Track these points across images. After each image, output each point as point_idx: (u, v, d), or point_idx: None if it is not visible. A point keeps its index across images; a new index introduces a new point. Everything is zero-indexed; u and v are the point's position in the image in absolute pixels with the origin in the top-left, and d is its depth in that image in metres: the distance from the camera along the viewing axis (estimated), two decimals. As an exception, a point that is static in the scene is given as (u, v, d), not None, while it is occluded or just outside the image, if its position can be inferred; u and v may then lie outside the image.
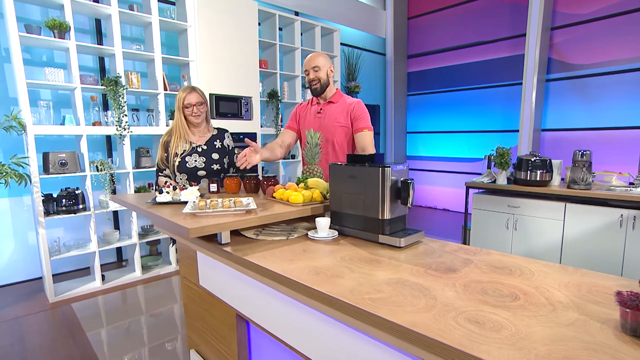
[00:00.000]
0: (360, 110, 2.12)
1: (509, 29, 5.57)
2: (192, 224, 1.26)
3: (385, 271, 1.11)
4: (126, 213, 3.53)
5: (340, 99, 2.19)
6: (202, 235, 1.26)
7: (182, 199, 1.69)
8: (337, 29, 5.01)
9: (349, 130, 2.13)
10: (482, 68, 6.00)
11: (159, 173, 2.24)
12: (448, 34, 6.32)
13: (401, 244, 1.33)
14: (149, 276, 3.53)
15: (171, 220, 1.32)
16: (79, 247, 3.23)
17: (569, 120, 5.09)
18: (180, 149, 2.19)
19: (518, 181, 3.17)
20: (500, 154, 3.18)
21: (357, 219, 1.46)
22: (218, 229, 1.30)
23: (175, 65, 3.89)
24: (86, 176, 3.16)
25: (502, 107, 5.84)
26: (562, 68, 5.08)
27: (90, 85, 3.16)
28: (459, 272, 1.09)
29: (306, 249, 1.34)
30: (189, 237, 1.22)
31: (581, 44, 4.85)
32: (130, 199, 1.87)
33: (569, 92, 5.07)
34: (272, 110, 4.30)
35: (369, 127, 2.10)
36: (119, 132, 3.22)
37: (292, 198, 1.60)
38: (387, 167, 1.35)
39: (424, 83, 6.81)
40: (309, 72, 2.17)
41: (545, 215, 2.97)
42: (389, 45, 6.69)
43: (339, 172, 1.51)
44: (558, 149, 5.17)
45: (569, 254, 2.86)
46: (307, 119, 2.28)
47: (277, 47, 4.30)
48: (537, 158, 3.01)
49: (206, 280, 1.65)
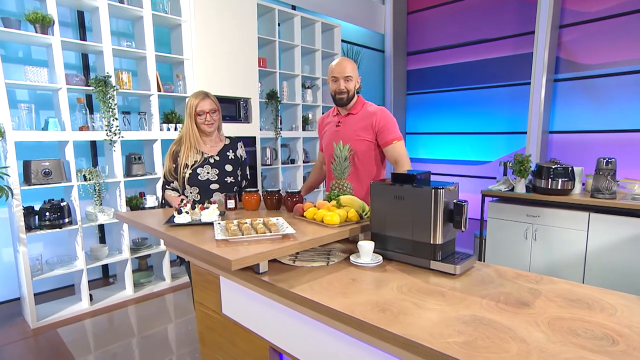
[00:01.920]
0: (384, 121, 2.06)
1: (515, 26, 5.66)
2: (232, 254, 1.21)
3: (453, 305, 1.09)
4: (115, 225, 3.42)
5: (360, 109, 2.14)
6: (244, 266, 1.21)
7: (203, 220, 1.63)
8: (337, 25, 4.99)
9: (372, 143, 2.09)
10: (486, 67, 6.08)
11: (166, 186, 2.17)
12: (450, 31, 6.38)
13: (457, 272, 1.32)
14: (141, 294, 3.42)
15: (206, 249, 1.27)
16: (63, 265, 3.10)
17: (578, 122, 5.20)
18: (190, 159, 2.12)
19: (538, 189, 3.21)
20: (520, 161, 3.22)
21: (404, 243, 1.44)
22: (260, 259, 1.25)
23: (167, 64, 3.79)
24: (72, 186, 3.04)
25: (508, 107, 5.93)
26: (571, 68, 5.19)
27: (77, 86, 3.04)
28: (532, 306, 1.08)
29: (355, 278, 1.31)
30: (231, 269, 1.17)
31: (591, 43, 4.96)
32: (142, 218, 1.80)
33: (577, 93, 5.18)
34: (271, 112, 4.24)
35: (398, 137, 2.06)
36: (109, 138, 3.11)
37: (328, 219, 1.57)
38: (440, 189, 1.33)
39: (424, 82, 6.86)
40: (338, 80, 2.08)
41: (568, 225, 3.02)
42: (388, 41, 6.71)
43: (383, 192, 1.48)
44: (566, 152, 5.28)
45: (593, 266, 2.91)
46: (328, 132, 2.25)
47: (277, 44, 4.24)
48: (558, 166, 3.05)
49: (232, 308, 1.60)
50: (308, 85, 4.70)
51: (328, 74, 2.13)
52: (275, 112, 4.23)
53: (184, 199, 1.81)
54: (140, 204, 3.37)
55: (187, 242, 1.36)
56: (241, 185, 2.28)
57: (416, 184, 1.41)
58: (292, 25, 4.47)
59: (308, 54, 4.76)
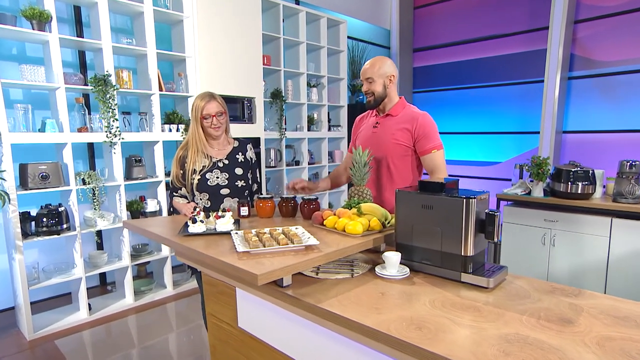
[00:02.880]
0: (425, 127, 1.99)
1: (527, 21, 5.65)
2: (257, 268, 1.19)
3: (492, 322, 1.08)
4: (114, 231, 3.40)
5: (400, 112, 2.08)
6: (270, 281, 1.20)
7: (218, 229, 1.62)
8: (344, 21, 4.98)
9: (409, 149, 2.03)
10: (496, 64, 6.08)
11: (174, 193, 2.15)
12: (458, 26, 6.37)
13: (490, 285, 1.31)
14: (141, 303, 3.40)
15: (229, 262, 1.25)
16: (61, 273, 3.08)
17: (593, 122, 5.20)
18: (199, 164, 2.11)
19: (556, 193, 3.21)
20: (538, 164, 3.21)
21: (433, 254, 1.43)
22: (286, 272, 1.24)
23: (167, 61, 3.77)
24: (71, 191, 3.02)
25: (519, 106, 5.93)
26: (586, 65, 5.19)
27: (76, 85, 3.02)
28: (576, 323, 1.07)
29: (384, 292, 1.30)
30: (257, 284, 1.15)
31: (607, 39, 4.96)
32: (153, 226, 1.79)
33: (593, 91, 5.18)
34: (275, 112, 4.23)
35: (437, 146, 1.98)
36: (109, 139, 3.09)
37: (350, 228, 1.55)
38: (471, 199, 1.32)
39: (431, 79, 6.85)
40: (363, 82, 2.08)
41: (589, 231, 3.01)
42: (393, 37, 6.71)
43: (410, 201, 1.47)
44: (581, 153, 5.29)
45: (615, 273, 2.91)
46: (363, 132, 2.20)
47: (282, 40, 4.23)
48: (578, 169, 3.05)
49: (249, 322, 1.58)
50: (313, 83, 4.69)
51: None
52: (280, 111, 4.22)
53: (197, 207, 1.80)
54: (141, 209, 3.35)
55: (208, 255, 1.34)
56: (252, 189, 2.27)
57: (445, 192, 1.40)
58: (296, 21, 4.45)
59: (313, 50, 4.75)
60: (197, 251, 1.40)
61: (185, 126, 3.48)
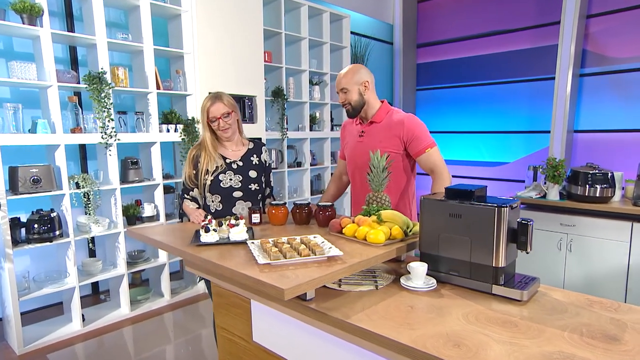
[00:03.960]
0: (413, 130, 2.03)
1: (537, 16, 5.67)
2: (282, 282, 1.18)
3: (532, 339, 1.07)
4: (109, 237, 3.36)
5: (384, 117, 2.11)
6: (297, 295, 1.19)
7: (232, 238, 1.60)
8: (347, 15, 4.97)
9: (399, 155, 2.07)
10: (504, 60, 6.09)
11: (185, 195, 2.14)
12: (464, 21, 6.38)
13: (524, 298, 1.30)
14: (138, 313, 3.37)
15: (251, 275, 1.23)
16: (53, 283, 3.03)
17: (606, 121, 5.23)
18: (212, 165, 2.11)
19: (573, 196, 3.22)
20: (554, 166, 3.22)
21: (461, 265, 1.42)
22: (312, 286, 1.22)
23: (164, 58, 3.74)
24: (64, 195, 2.98)
25: (528, 104, 5.95)
26: (598, 61, 5.21)
27: (69, 83, 2.98)
28: (623, 342, 1.06)
29: (412, 305, 1.29)
30: (283, 299, 1.14)
31: (621, 34, 4.98)
32: (161, 235, 1.76)
33: (605, 89, 5.21)
34: (277, 111, 4.21)
35: (430, 145, 2.03)
36: (105, 140, 3.05)
37: (372, 237, 1.54)
38: (504, 207, 1.32)
39: (435, 76, 6.86)
40: (339, 94, 2.12)
41: (608, 236, 3.03)
42: (397, 32, 6.71)
43: (436, 209, 1.46)
44: (593, 153, 5.32)
45: (636, 281, 2.93)
46: (350, 141, 2.24)
47: (283, 36, 4.21)
48: (597, 171, 3.06)
49: (266, 336, 1.56)
50: (315, 81, 4.68)
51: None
52: (282, 110, 4.21)
53: (208, 215, 1.78)
54: (137, 213, 3.32)
55: (226, 267, 1.32)
56: (264, 192, 2.27)
57: (475, 200, 1.40)
58: (298, 16, 4.44)
59: (315, 47, 4.74)
60: (214, 263, 1.38)
61: (184, 126, 3.46)
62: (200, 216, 1.99)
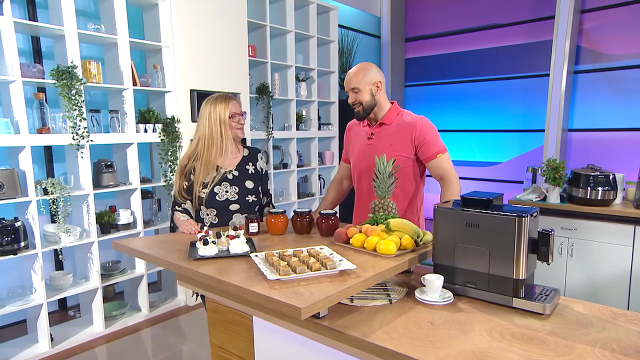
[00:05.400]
0: (425, 133, 2.06)
1: (531, 9, 5.79)
2: (297, 300, 1.16)
3: (564, 356, 1.08)
4: (79, 248, 3.25)
5: (395, 119, 2.13)
6: (313, 313, 1.18)
7: (232, 251, 1.58)
8: (334, 7, 4.97)
9: (409, 160, 2.09)
10: (497, 56, 6.19)
11: (176, 207, 2.10)
12: (455, 14, 6.47)
13: (546, 312, 1.33)
14: (113, 330, 3.28)
15: (263, 293, 1.21)
16: (17, 299, 2.91)
17: (600, 119, 5.38)
18: (209, 176, 2.07)
19: (573, 199, 3.31)
20: (554, 168, 3.30)
21: (479, 277, 1.43)
22: (329, 302, 1.21)
23: (139, 51, 3.66)
24: (30, 202, 2.87)
25: (521, 102, 6.07)
26: (593, 58, 5.36)
27: (34, 79, 2.88)
28: (656, 355, 1.09)
29: (432, 321, 1.29)
30: (300, 318, 1.13)
31: (616, 30, 5.12)
32: (151, 248, 1.72)
33: (600, 86, 5.36)
34: (262, 109, 4.18)
35: (441, 150, 2.06)
36: (76, 141, 2.97)
37: (383, 248, 1.54)
38: (524, 217, 1.34)
39: (424, 72, 6.93)
40: (349, 93, 2.13)
41: (610, 240, 3.12)
42: (384, 25, 6.75)
43: (451, 218, 1.47)
44: (587, 153, 5.46)
45: (639, 285, 3.03)
46: (357, 144, 2.24)
47: (268, 29, 4.18)
48: (599, 173, 3.15)
49: (270, 356, 1.54)
50: (302, 77, 4.66)
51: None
52: (267, 108, 4.18)
53: (205, 226, 1.75)
54: (112, 221, 3.23)
55: (232, 283, 1.29)
56: (262, 203, 2.24)
57: (493, 209, 1.42)
58: (283, 7, 4.41)
59: (302, 40, 4.72)
60: (217, 279, 1.35)
61: (163, 125, 3.39)
62: (191, 226, 1.95)
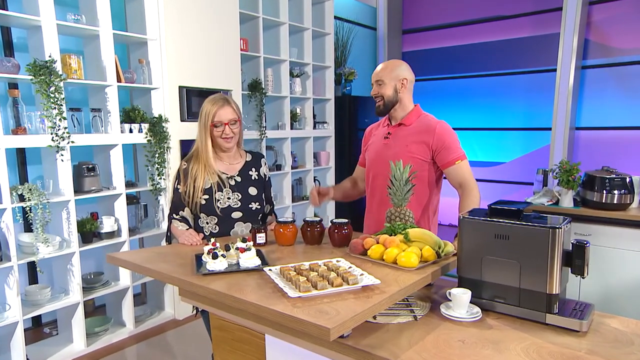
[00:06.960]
0: (444, 137, 2.09)
1: (536, 1, 5.85)
2: (324, 319, 1.16)
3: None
4: (57, 259, 3.19)
5: (414, 121, 2.17)
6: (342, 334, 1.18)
7: (242, 265, 1.57)
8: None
9: (426, 164, 2.11)
10: (501, 50, 6.23)
11: (174, 215, 2.08)
12: (456, 4, 6.51)
13: (583, 329, 1.35)
14: (95, 348, 3.22)
15: (288, 313, 1.20)
16: (-11, 317, 2.88)
17: (609, 117, 5.47)
18: (209, 182, 2.05)
19: (587, 203, 3.36)
20: (567, 170, 3.35)
21: (508, 291, 1.45)
22: (356, 321, 1.21)
23: (121, 44, 3.62)
24: (4, 210, 2.82)
25: (526, 99, 6.12)
26: (602, 52, 5.44)
27: (8, 74, 2.82)
28: None
29: (463, 339, 1.30)
30: (329, 339, 1.13)
31: (626, 23, 5.20)
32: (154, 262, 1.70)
33: (609, 82, 5.45)
34: (254, 107, 4.17)
35: (461, 156, 2.09)
36: (56, 143, 2.92)
37: (404, 260, 1.54)
38: (558, 229, 1.36)
39: (422, 67, 6.92)
40: (373, 85, 2.17)
41: (627, 246, 3.17)
42: (381, 17, 6.77)
43: (479, 229, 1.48)
44: (596, 153, 5.55)
45: (658, 295, 3.09)
46: (374, 144, 2.26)
47: (260, 20, 4.17)
48: (615, 175, 3.21)
49: (283, 380, 1.54)
50: (296, 73, 4.66)
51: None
52: (260, 106, 4.17)
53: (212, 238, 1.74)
54: (95, 229, 3.18)
55: (251, 302, 1.29)
56: (265, 211, 2.23)
57: (523, 219, 1.44)
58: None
59: (296, 33, 4.71)
60: (234, 297, 1.34)
61: (149, 125, 3.36)
62: (192, 237, 1.93)
